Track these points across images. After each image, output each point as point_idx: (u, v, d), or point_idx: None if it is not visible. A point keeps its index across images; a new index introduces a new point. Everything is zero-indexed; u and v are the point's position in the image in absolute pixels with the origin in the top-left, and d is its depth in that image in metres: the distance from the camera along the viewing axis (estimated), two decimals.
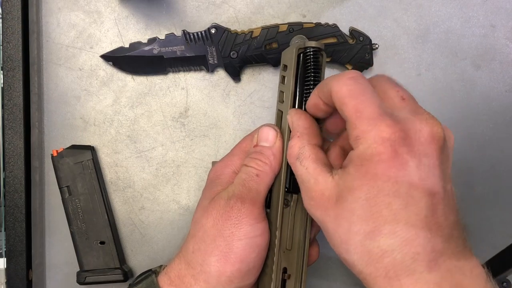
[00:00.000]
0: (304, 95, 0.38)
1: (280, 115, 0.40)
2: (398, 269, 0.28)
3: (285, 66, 0.40)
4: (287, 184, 0.38)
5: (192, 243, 0.38)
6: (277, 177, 0.39)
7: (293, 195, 0.39)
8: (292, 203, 0.39)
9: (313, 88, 0.37)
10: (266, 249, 0.38)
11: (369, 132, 0.30)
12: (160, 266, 0.41)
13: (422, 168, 0.29)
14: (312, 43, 0.38)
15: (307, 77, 0.38)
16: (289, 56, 0.39)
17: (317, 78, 0.38)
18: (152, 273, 0.40)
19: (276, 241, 0.37)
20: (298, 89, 0.38)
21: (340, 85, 0.32)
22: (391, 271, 0.28)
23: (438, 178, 0.30)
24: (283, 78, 0.40)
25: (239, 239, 0.36)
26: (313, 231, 0.40)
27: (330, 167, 0.34)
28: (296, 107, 0.38)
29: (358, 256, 0.30)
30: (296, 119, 0.37)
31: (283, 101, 0.39)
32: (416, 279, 0.28)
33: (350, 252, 0.30)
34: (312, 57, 0.38)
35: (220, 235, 0.36)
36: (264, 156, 0.38)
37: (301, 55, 0.38)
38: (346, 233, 0.30)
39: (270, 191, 0.39)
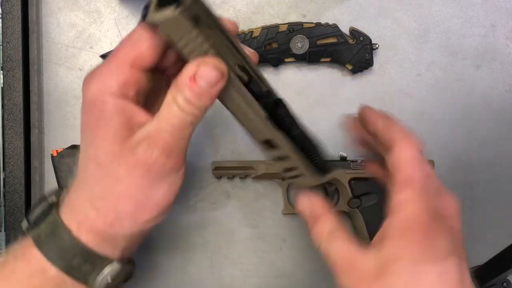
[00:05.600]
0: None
1: None
2: None
3: None
4: None
5: (99, 188, 0.33)
6: None
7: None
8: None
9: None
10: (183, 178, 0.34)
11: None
12: (54, 193, 0.36)
13: None
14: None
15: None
16: None
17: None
18: (49, 206, 0.34)
19: None
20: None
21: (413, 145, 0.34)
22: None
23: None
24: None
25: (157, 192, 0.33)
26: None
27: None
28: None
29: None
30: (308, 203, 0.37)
31: None
32: None
33: None
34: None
35: (138, 188, 0.32)
36: (203, 101, 0.32)
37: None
38: None
39: None
